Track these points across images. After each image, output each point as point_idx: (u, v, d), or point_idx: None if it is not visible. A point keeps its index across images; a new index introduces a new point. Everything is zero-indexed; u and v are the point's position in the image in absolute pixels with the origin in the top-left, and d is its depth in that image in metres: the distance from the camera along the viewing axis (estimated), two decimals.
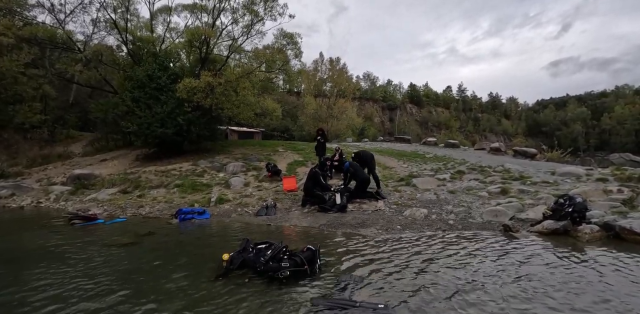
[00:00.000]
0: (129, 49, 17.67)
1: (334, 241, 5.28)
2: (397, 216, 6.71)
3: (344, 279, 3.57)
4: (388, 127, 77.47)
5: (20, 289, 3.52)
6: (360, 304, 2.94)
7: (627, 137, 71.68)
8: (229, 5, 16.05)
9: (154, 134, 13.28)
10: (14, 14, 16.12)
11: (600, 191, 6.97)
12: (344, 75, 33.90)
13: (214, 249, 4.86)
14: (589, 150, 67.15)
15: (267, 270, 3.63)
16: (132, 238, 5.79)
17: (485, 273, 3.73)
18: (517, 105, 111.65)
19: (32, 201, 10.31)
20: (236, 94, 14.03)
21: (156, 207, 8.58)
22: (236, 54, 18.21)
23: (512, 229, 5.40)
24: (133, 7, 17.74)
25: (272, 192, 9.29)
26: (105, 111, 15.73)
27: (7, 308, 3.14)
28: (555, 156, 14.46)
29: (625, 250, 4.37)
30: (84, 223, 7.11)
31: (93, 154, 16.55)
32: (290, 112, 39.44)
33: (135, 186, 10.57)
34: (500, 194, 7.69)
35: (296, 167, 11.99)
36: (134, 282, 3.71)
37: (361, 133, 39.30)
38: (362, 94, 70.48)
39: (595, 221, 5.19)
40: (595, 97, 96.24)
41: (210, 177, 11.32)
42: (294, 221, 6.86)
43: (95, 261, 4.52)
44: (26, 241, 5.88)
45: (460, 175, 9.94)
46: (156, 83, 13.95)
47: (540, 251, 4.47)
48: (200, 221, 7.28)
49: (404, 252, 4.56)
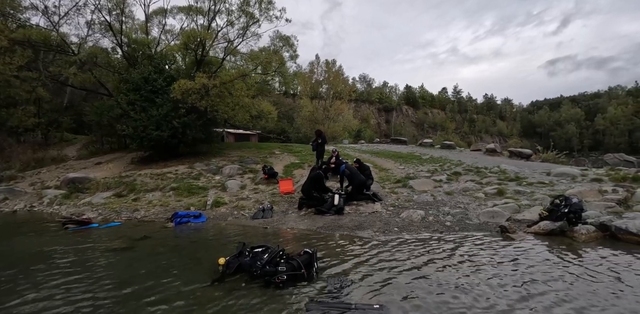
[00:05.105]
0: (124, 52, 17.57)
1: (331, 243, 5.25)
2: (394, 218, 6.70)
3: (334, 282, 3.54)
4: (384, 129, 77.73)
5: (9, 297, 3.45)
6: (355, 306, 2.92)
7: (620, 138, 72.62)
8: (224, 7, 16.09)
9: (150, 136, 13.19)
10: (7, 16, 15.96)
11: (596, 191, 7.01)
12: (340, 77, 34.04)
13: (210, 253, 4.82)
14: (583, 150, 67.89)
15: (264, 274, 3.60)
16: (127, 242, 5.72)
17: (481, 273, 3.72)
18: (512, 106, 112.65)
19: (25, 205, 10.17)
20: (231, 96, 13.99)
21: (151, 210, 8.49)
22: (232, 56, 18.20)
23: (509, 230, 5.41)
24: (128, 9, 17.70)
25: (269, 195, 9.25)
26: (100, 114, 15.58)
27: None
28: (550, 157, 14.55)
29: (621, 250, 4.39)
30: (77, 227, 7.03)
31: (87, 158, 16.38)
32: (286, 114, 39.46)
33: (131, 189, 10.47)
34: (496, 195, 7.72)
35: (293, 170, 11.95)
36: (128, 287, 3.66)
37: (357, 135, 39.35)
38: (358, 96, 70.81)
39: (591, 222, 5.22)
40: (589, 98, 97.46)
41: (206, 180, 11.25)
42: (291, 224, 6.82)
43: (89, 266, 4.45)
44: (18, 246, 5.78)
45: (457, 176, 9.96)
46: (152, 86, 13.88)
47: (537, 251, 4.48)
48: (196, 224, 7.22)
49: (401, 254, 4.54)
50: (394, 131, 72.01)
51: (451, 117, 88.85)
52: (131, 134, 13.61)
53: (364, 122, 62.82)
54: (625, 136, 72.80)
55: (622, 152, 18.32)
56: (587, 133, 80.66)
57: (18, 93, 16.13)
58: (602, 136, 77.30)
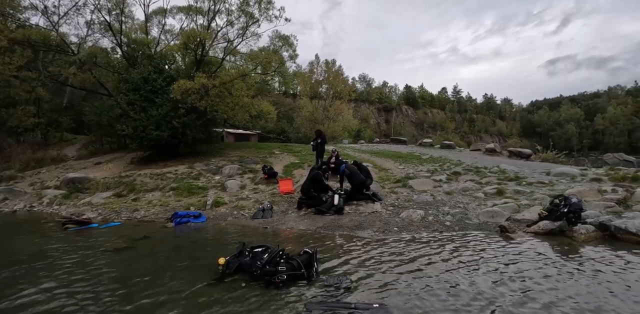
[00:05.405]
0: (124, 52, 17.56)
1: (331, 243, 5.26)
2: (394, 218, 6.70)
3: (334, 282, 3.54)
4: (384, 128, 77.73)
5: (9, 296, 3.45)
6: (355, 306, 2.93)
7: (620, 137, 72.68)
8: (224, 7, 16.09)
9: (149, 136, 13.19)
10: (6, 16, 15.95)
11: (595, 191, 7.02)
12: (339, 77, 34.05)
13: (210, 253, 4.82)
14: (583, 150, 67.95)
15: (264, 274, 3.60)
16: (127, 242, 5.72)
17: (481, 273, 3.73)
18: (512, 106, 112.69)
19: (24, 205, 10.16)
20: (231, 96, 14.00)
21: (151, 210, 8.49)
22: (232, 56, 18.19)
23: (509, 229, 5.42)
24: (128, 9, 17.69)
25: (269, 194, 9.25)
26: (100, 114, 15.57)
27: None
28: (550, 157, 14.56)
29: (620, 250, 4.40)
30: (77, 228, 7.02)
31: (87, 158, 16.37)
32: (286, 114, 39.48)
33: (130, 189, 10.47)
34: (496, 195, 7.73)
35: (292, 170, 11.95)
36: (128, 287, 3.66)
37: (357, 135, 39.38)
38: (358, 95, 70.79)
39: (590, 221, 5.23)
40: (589, 97, 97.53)
41: (206, 180, 11.25)
42: (291, 224, 6.82)
43: (89, 266, 4.45)
44: (18, 246, 5.78)
45: (456, 176, 9.97)
46: (151, 86, 13.87)
47: (537, 251, 4.48)
48: (196, 224, 7.22)
49: (401, 254, 4.55)
50: (393, 131, 72.01)
51: (451, 117, 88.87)
52: (131, 134, 13.60)
53: (364, 122, 62.85)
54: (624, 135, 72.88)
55: (621, 152, 18.34)
56: (587, 133, 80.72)
57: (18, 93, 16.11)
58: (602, 136, 77.37)
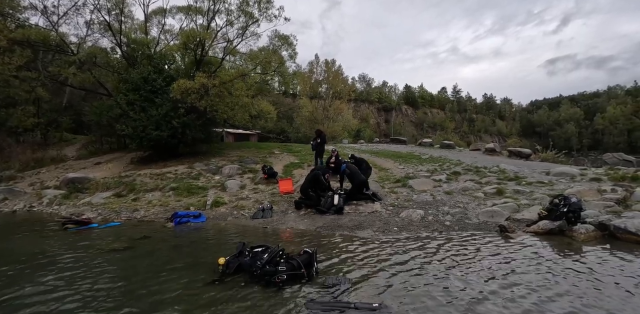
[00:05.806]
0: (123, 52, 17.55)
1: (331, 243, 5.26)
2: (394, 218, 6.71)
3: (334, 282, 3.55)
4: (384, 128, 77.72)
5: (9, 296, 3.45)
6: (355, 305, 2.94)
7: (619, 137, 72.70)
8: (223, 7, 16.08)
9: (149, 136, 13.19)
10: (6, 16, 15.93)
11: (595, 191, 7.03)
12: (339, 76, 34.06)
13: (209, 253, 4.82)
14: (582, 150, 67.95)
15: (264, 274, 3.60)
16: (126, 242, 5.72)
17: (480, 273, 3.74)
18: (512, 106, 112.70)
19: (24, 205, 10.15)
20: (230, 96, 13.99)
21: (151, 210, 8.49)
22: (231, 56, 18.18)
23: (508, 229, 5.42)
24: (127, 9, 17.67)
25: (269, 194, 9.25)
26: (100, 114, 15.56)
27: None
28: (550, 156, 14.58)
29: (619, 249, 4.41)
30: (77, 228, 7.02)
31: (87, 158, 16.36)
32: (286, 114, 39.49)
33: (130, 189, 10.47)
34: (495, 194, 7.73)
35: (292, 170, 11.96)
36: (128, 287, 3.66)
37: (357, 135, 39.42)
38: (357, 95, 70.78)
39: (590, 221, 5.23)
40: (588, 97, 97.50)
41: (206, 180, 11.25)
42: (291, 224, 6.83)
43: (89, 266, 4.45)
44: (18, 246, 5.78)
45: (456, 176, 9.98)
46: (151, 86, 13.87)
47: (536, 251, 4.49)
48: (196, 224, 7.22)
49: (400, 253, 4.55)
50: (393, 131, 72.00)
51: (450, 117, 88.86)
52: (131, 134, 13.60)
53: (364, 122, 62.88)
54: (624, 135, 72.91)
55: (621, 151, 18.37)
56: (586, 133, 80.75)
57: (17, 93, 16.09)
58: (601, 136, 77.39)
